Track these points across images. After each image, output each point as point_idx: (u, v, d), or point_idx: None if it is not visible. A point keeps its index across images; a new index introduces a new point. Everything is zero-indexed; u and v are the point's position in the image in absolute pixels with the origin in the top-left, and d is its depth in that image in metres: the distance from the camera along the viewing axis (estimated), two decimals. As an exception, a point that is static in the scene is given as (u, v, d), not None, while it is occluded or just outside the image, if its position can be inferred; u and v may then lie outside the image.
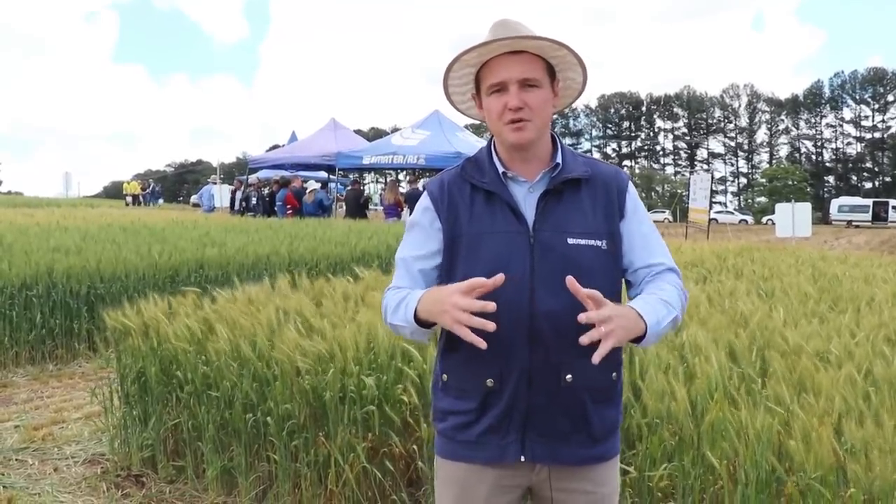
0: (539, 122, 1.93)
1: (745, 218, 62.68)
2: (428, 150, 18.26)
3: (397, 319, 1.92)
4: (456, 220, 1.97)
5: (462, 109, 2.13)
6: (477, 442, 1.96)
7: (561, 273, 1.79)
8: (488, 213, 1.95)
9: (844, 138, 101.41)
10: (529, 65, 1.91)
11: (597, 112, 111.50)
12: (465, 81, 2.03)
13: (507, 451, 1.93)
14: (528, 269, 1.88)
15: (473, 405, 1.94)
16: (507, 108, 1.90)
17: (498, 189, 1.96)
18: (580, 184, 1.97)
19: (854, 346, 3.54)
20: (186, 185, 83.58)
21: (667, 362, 3.24)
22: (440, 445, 2.07)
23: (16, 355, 7.03)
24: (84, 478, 4.37)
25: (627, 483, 2.92)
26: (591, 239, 1.91)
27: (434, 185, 2.06)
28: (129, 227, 12.17)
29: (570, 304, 1.79)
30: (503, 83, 1.91)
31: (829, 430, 2.57)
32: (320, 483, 3.59)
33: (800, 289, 5.49)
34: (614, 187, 1.99)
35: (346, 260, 9.58)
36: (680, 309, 1.92)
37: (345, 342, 3.55)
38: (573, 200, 1.95)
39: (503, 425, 1.93)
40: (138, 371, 4.39)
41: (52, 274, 7.44)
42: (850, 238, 32.97)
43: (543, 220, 1.92)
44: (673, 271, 2.01)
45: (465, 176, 2.01)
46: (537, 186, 1.97)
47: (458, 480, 2.02)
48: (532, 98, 1.91)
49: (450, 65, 1.97)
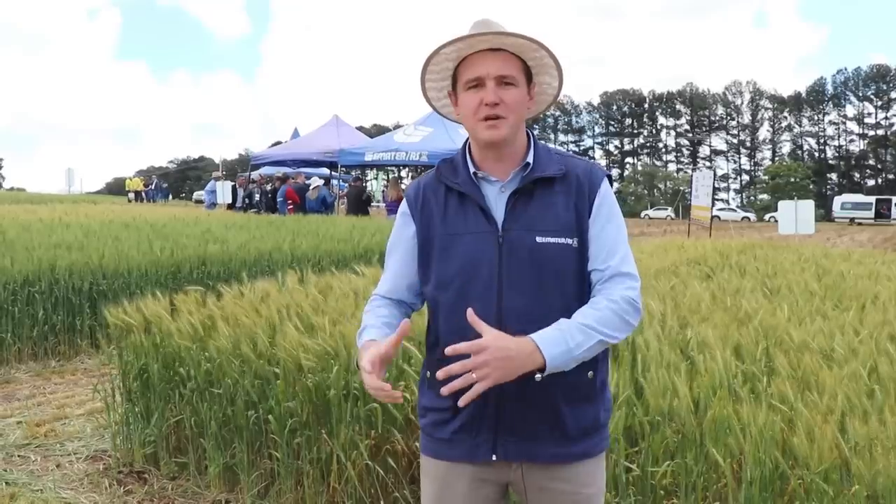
0: (513, 121, 1.93)
1: (748, 215, 62.61)
2: (430, 147, 18.21)
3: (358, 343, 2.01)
4: (430, 223, 2.00)
5: (438, 107, 2.14)
6: (451, 439, 1.98)
7: (529, 271, 1.81)
8: (461, 214, 1.97)
9: (847, 135, 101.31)
10: (507, 62, 1.93)
11: (599, 109, 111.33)
12: (442, 77, 2.03)
13: (479, 450, 1.95)
14: (496, 269, 1.89)
15: (448, 403, 1.93)
16: (483, 103, 1.90)
17: (469, 190, 1.97)
18: (553, 182, 1.96)
19: (858, 343, 3.53)
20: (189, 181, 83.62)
21: (668, 359, 3.22)
22: (422, 442, 2.10)
23: (18, 351, 7.04)
24: (86, 474, 4.37)
25: (630, 481, 2.92)
26: (560, 237, 1.90)
27: (411, 189, 2.10)
28: (132, 224, 12.18)
29: (538, 303, 1.85)
30: (480, 79, 1.91)
31: (833, 426, 2.56)
32: (322, 480, 3.58)
33: (804, 286, 5.48)
34: (586, 184, 1.97)
35: (348, 257, 9.58)
36: (611, 322, 1.84)
37: (349, 339, 3.54)
38: (545, 198, 1.95)
39: (475, 424, 1.94)
40: (140, 367, 4.39)
41: (55, 270, 7.44)
42: (853, 235, 32.96)
43: (513, 219, 1.93)
44: (623, 276, 1.91)
45: (440, 178, 2.03)
46: (509, 186, 1.97)
47: (438, 476, 2.04)
48: (508, 95, 1.91)
49: (428, 58, 1.98)
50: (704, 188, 22.35)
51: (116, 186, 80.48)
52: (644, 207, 72.14)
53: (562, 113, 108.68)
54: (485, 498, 2.02)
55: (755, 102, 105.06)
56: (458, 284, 1.92)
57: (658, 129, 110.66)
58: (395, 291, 2.09)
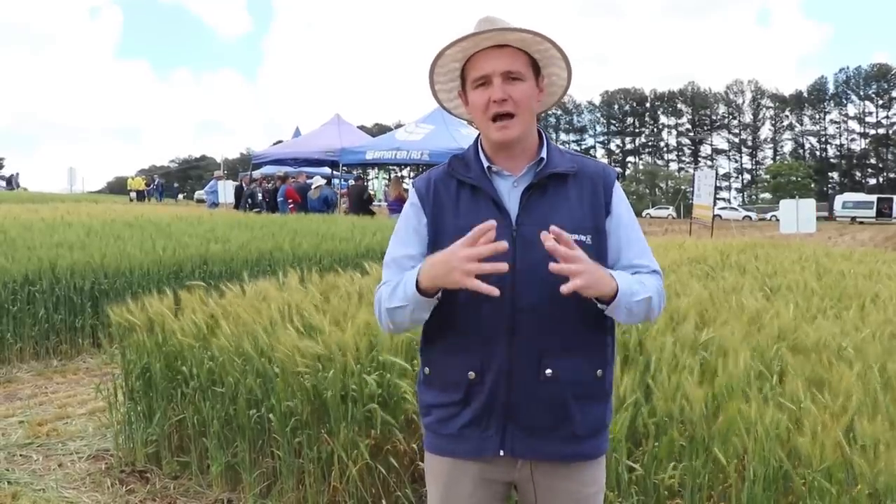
0: (523, 118, 1.93)
1: (750, 214, 62.52)
2: (431, 146, 18.19)
3: (395, 301, 1.91)
4: (441, 216, 1.98)
5: (449, 108, 2.14)
6: (458, 435, 1.97)
7: (542, 267, 1.81)
8: (473, 207, 1.96)
9: (849, 134, 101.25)
10: (512, 58, 1.92)
11: (600, 108, 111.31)
12: (450, 78, 2.03)
13: (487, 444, 1.94)
14: (510, 263, 1.87)
15: (457, 398, 1.95)
16: (492, 100, 1.90)
17: (482, 183, 1.96)
18: (566, 178, 1.97)
19: (861, 342, 3.53)
20: (190, 180, 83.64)
21: (678, 360, 3.21)
22: (427, 440, 2.09)
23: (20, 351, 7.03)
24: (88, 473, 4.37)
25: (633, 481, 2.91)
26: (575, 233, 1.89)
27: (421, 181, 2.08)
28: (134, 223, 12.17)
29: (551, 298, 1.83)
30: (487, 76, 1.91)
31: (839, 425, 2.55)
32: (324, 479, 3.58)
33: (805, 285, 5.47)
34: (601, 183, 1.99)
35: (350, 256, 9.58)
36: (656, 294, 1.93)
37: (345, 342, 3.52)
38: (558, 195, 1.96)
39: (484, 418, 1.93)
40: (143, 366, 4.39)
41: (56, 269, 7.44)
42: (855, 234, 32.93)
43: (526, 214, 1.93)
44: (656, 273, 2.01)
45: (452, 172, 2.02)
46: (522, 181, 1.97)
47: (443, 474, 2.04)
48: (516, 91, 1.91)
49: (434, 60, 1.98)
50: (706, 187, 22.30)
51: (118, 186, 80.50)
52: (646, 206, 72.12)
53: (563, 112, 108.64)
54: (491, 497, 2.02)
55: (757, 101, 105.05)
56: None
57: (659, 128, 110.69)
58: None
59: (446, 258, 1.77)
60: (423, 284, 1.83)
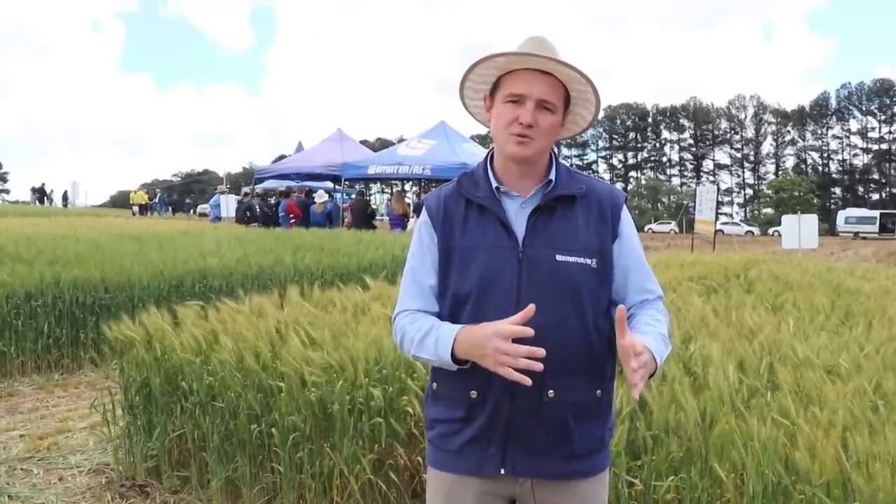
0: (542, 144, 1.95)
1: (752, 229, 62.51)
2: (433, 161, 18.27)
3: (424, 353, 1.93)
4: (450, 234, 2.00)
5: (470, 106, 2.13)
6: (459, 451, 1.98)
7: (548, 288, 1.83)
8: (480, 227, 1.97)
9: (851, 149, 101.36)
10: (552, 88, 1.94)
11: (603, 123, 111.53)
12: (483, 81, 2.03)
13: (488, 462, 1.95)
14: (515, 284, 1.90)
15: (459, 415, 1.96)
16: (518, 121, 1.91)
17: (490, 204, 1.97)
18: (574, 200, 1.98)
19: (863, 359, 3.52)
20: (193, 194, 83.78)
21: (672, 374, 3.21)
22: (429, 454, 2.10)
23: (21, 364, 7.04)
24: (88, 487, 4.37)
25: (633, 496, 2.91)
26: (580, 257, 1.92)
27: (431, 199, 2.09)
28: (137, 237, 12.19)
29: (555, 320, 1.86)
30: (522, 96, 1.92)
31: (835, 441, 2.55)
32: (325, 494, 3.58)
33: (810, 302, 5.46)
34: (608, 206, 2.01)
35: (352, 271, 9.58)
36: (667, 329, 1.99)
37: (355, 354, 3.55)
38: (566, 217, 1.97)
39: (485, 437, 1.95)
40: (142, 381, 4.39)
41: (58, 283, 7.46)
42: (858, 249, 32.89)
43: (533, 235, 1.94)
44: (661, 299, 2.07)
45: (461, 191, 2.03)
46: (530, 202, 1.98)
47: (444, 489, 2.04)
48: (545, 120, 1.93)
49: (479, 60, 1.98)
50: (708, 202, 22.31)
51: (121, 200, 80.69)
52: (648, 221, 72.12)
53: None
54: None
55: (759, 116, 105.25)
56: (476, 297, 1.92)
57: (662, 143, 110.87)
58: (429, 304, 2.01)
59: (482, 343, 1.78)
60: (458, 355, 1.86)
